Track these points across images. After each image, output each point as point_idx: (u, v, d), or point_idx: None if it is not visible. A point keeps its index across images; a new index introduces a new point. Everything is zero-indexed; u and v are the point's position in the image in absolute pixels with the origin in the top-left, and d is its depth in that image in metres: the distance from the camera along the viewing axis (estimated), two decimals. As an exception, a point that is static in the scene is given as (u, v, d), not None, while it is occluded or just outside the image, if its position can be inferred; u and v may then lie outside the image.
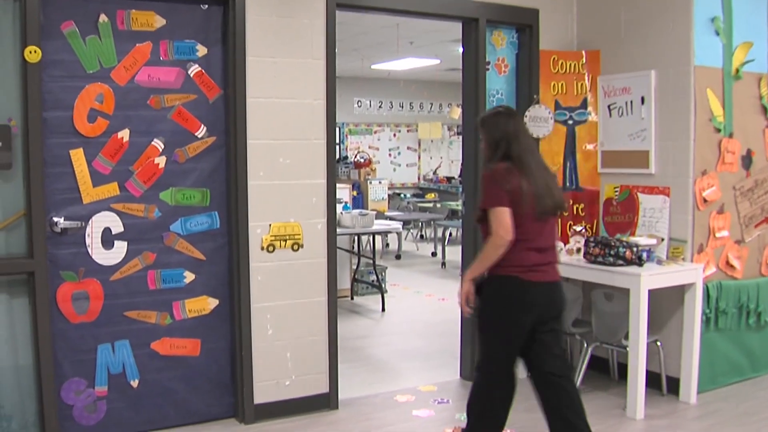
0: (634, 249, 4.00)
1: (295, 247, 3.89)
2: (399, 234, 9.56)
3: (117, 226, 3.52)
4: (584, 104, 4.71)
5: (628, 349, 3.95)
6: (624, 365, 4.14)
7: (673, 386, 4.20)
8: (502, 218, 2.90)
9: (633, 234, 4.41)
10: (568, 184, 4.75)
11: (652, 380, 4.14)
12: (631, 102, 4.44)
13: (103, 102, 3.44)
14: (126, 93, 3.49)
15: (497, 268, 2.99)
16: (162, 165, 3.60)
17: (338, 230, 4.46)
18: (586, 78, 4.70)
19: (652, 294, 3.92)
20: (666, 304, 4.23)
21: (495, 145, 3.09)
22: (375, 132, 13.65)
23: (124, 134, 3.50)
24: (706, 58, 4.16)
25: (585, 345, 4.38)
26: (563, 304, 3.13)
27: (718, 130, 4.26)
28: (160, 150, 3.60)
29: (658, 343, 4.22)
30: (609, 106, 4.60)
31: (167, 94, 3.59)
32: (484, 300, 3.07)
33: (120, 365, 3.57)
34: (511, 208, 2.92)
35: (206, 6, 3.67)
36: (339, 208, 6.46)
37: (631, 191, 4.49)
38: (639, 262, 3.99)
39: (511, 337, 3.03)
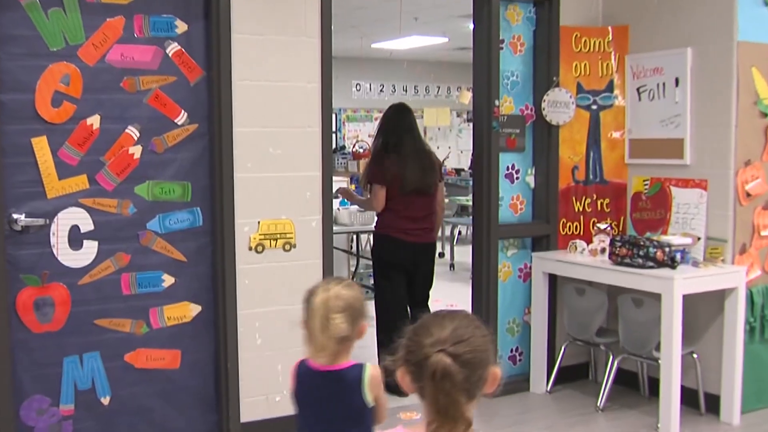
0: (667, 249, 3.99)
1: (287, 246, 3.89)
2: (402, 231, 9.51)
3: (86, 224, 3.51)
4: (610, 87, 4.68)
5: (659, 361, 3.93)
6: (655, 380, 4.10)
7: (713, 404, 4.16)
8: (376, 192, 4.52)
9: (665, 232, 4.40)
10: (591, 176, 4.75)
11: (688, 397, 4.10)
12: (664, 84, 4.42)
13: (70, 84, 3.42)
14: (96, 74, 3.47)
15: (379, 229, 4.68)
16: (137, 155, 3.59)
17: (335, 228, 4.51)
18: (613, 57, 4.67)
19: (687, 300, 3.89)
20: (703, 311, 4.20)
21: (383, 134, 4.63)
22: (375, 119, 13.59)
23: (94, 120, 3.49)
24: (751, 32, 4.11)
25: (611, 357, 4.38)
26: (431, 257, 4.73)
27: (765, 115, 4.21)
28: (135, 138, 3.58)
29: (695, 356, 4.19)
30: (638, 89, 4.58)
31: (143, 75, 3.58)
32: (372, 250, 4.78)
33: (89, 380, 3.55)
34: (386, 185, 4.47)
35: (186, -25, 3.66)
36: (336, 203, 6.39)
37: (662, 184, 4.47)
38: (672, 263, 3.97)
39: (387, 274, 4.64)
